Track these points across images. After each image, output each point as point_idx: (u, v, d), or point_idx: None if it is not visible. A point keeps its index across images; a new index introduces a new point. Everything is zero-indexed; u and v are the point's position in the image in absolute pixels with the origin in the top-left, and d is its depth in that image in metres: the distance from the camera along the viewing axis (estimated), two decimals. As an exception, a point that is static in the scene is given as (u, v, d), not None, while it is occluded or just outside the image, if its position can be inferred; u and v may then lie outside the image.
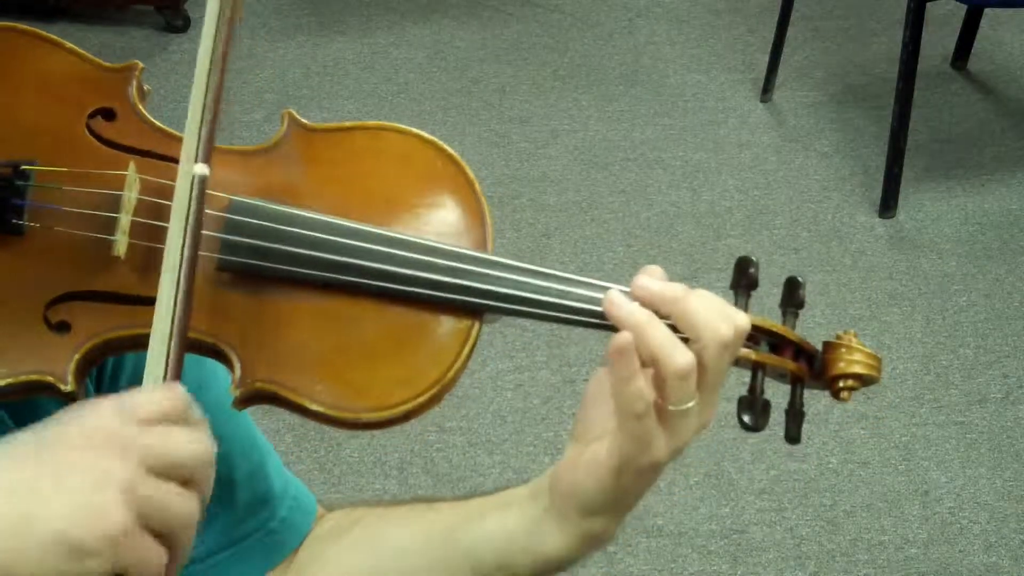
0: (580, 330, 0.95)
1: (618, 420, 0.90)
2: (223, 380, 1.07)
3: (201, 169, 0.88)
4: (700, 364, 0.89)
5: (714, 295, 0.93)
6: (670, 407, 0.89)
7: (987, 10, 3.57)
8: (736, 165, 3.28)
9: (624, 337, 0.88)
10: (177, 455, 0.81)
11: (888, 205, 3.11)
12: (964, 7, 3.44)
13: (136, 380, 1.02)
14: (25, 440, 0.81)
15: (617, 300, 0.91)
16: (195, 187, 0.88)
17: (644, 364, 0.89)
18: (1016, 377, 2.73)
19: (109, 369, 1.02)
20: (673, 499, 2.46)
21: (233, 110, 3.23)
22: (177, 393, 0.83)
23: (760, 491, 2.50)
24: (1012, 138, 3.38)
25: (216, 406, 1.03)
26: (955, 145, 3.35)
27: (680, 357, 0.88)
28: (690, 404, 0.89)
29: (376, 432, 0.93)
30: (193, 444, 0.82)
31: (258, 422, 1.13)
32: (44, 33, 0.98)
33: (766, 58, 3.48)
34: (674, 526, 2.43)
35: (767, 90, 3.48)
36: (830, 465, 2.54)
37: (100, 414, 0.81)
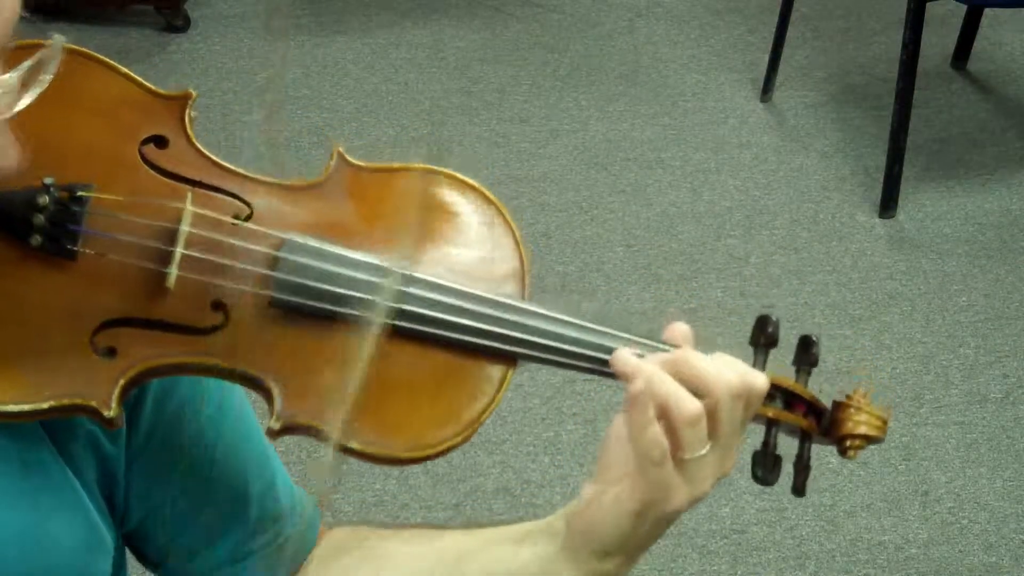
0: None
1: (637, 467, 0.92)
2: (241, 400, 1.07)
3: None
4: (712, 416, 0.92)
5: (733, 358, 0.95)
6: (685, 455, 0.91)
7: (987, 10, 3.57)
8: (736, 165, 3.28)
9: (637, 386, 0.91)
10: None
11: (888, 205, 3.11)
12: (964, 7, 3.44)
13: (161, 400, 1.02)
14: None
15: (623, 357, 0.94)
16: None
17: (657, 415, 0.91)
18: (1016, 377, 2.73)
19: (135, 389, 1.02)
20: (673, 499, 2.46)
21: (234, 110, 3.22)
22: None
23: (760, 491, 2.50)
24: (1012, 138, 3.38)
25: (234, 425, 1.03)
26: (955, 145, 3.35)
27: (688, 405, 0.91)
28: (703, 451, 0.92)
29: (403, 469, 0.95)
30: None
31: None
32: (99, 56, 0.98)
33: (766, 58, 3.48)
34: (674, 526, 2.42)
35: (767, 90, 3.48)
36: (830, 465, 2.54)
37: None
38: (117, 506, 1.05)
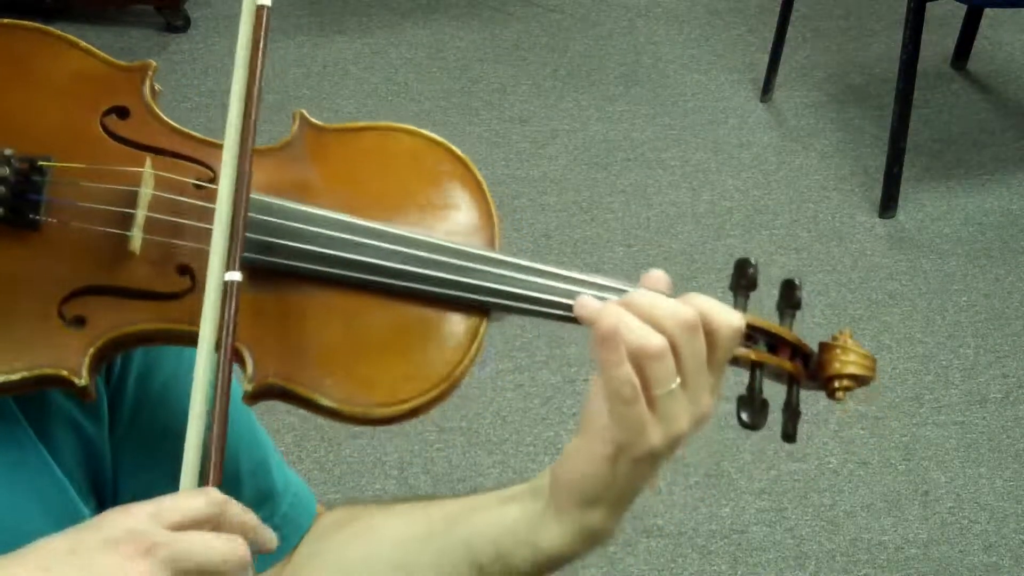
0: (579, 330, 0.96)
1: (609, 407, 0.91)
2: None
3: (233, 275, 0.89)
4: (675, 350, 0.91)
5: (707, 296, 0.95)
6: (655, 391, 0.90)
7: (987, 10, 3.57)
8: (736, 165, 3.28)
9: (608, 323, 0.90)
10: (206, 559, 0.82)
11: (888, 205, 3.11)
12: (964, 7, 3.44)
13: (144, 377, 1.02)
14: (59, 540, 0.83)
15: (584, 303, 0.93)
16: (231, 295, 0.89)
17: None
18: (1016, 377, 2.73)
19: (118, 368, 1.02)
20: (673, 499, 2.46)
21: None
22: (212, 499, 0.85)
23: (760, 491, 2.50)
24: (1012, 138, 3.38)
25: None
26: (955, 145, 3.35)
27: (652, 339, 0.90)
28: (673, 385, 0.90)
29: (384, 428, 0.95)
30: (224, 548, 0.83)
31: (258, 421, 1.13)
32: (60, 32, 0.99)
33: (766, 58, 3.48)
34: (674, 526, 2.43)
35: (767, 90, 3.48)
36: (830, 465, 2.54)
37: (134, 517, 0.83)
38: (104, 489, 1.05)
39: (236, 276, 0.89)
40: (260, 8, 0.96)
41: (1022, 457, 2.57)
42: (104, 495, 1.05)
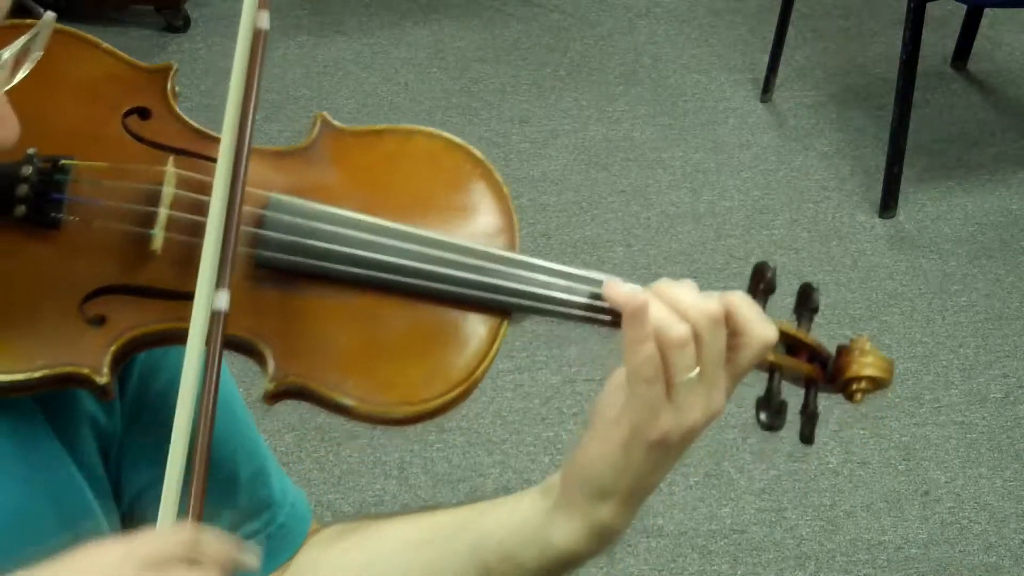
0: (580, 330, 0.97)
1: (628, 387, 0.92)
2: (228, 384, 1.07)
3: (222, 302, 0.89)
4: (697, 338, 0.92)
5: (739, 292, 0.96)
6: (674, 379, 0.91)
7: (987, 10, 3.57)
8: (736, 165, 3.28)
9: (638, 300, 0.91)
10: None
11: (888, 205, 3.11)
12: (964, 7, 3.44)
13: (147, 376, 1.02)
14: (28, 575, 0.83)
15: (617, 284, 0.94)
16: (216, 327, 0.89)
17: None
18: (1016, 377, 2.73)
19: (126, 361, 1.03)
20: (673, 499, 2.46)
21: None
22: (183, 537, 0.84)
23: (760, 491, 2.50)
24: (1012, 138, 3.38)
25: (222, 408, 1.03)
26: (955, 145, 3.35)
27: (677, 328, 0.91)
28: (692, 374, 0.91)
29: (403, 429, 0.95)
30: None
31: (258, 422, 1.13)
32: (82, 33, 1.01)
33: (766, 58, 3.48)
34: (674, 526, 2.43)
35: (767, 90, 3.48)
36: (830, 465, 2.54)
37: (106, 553, 0.83)
38: (119, 485, 1.05)
39: (223, 302, 0.88)
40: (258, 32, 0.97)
41: (1022, 457, 2.57)
42: (120, 491, 1.05)
